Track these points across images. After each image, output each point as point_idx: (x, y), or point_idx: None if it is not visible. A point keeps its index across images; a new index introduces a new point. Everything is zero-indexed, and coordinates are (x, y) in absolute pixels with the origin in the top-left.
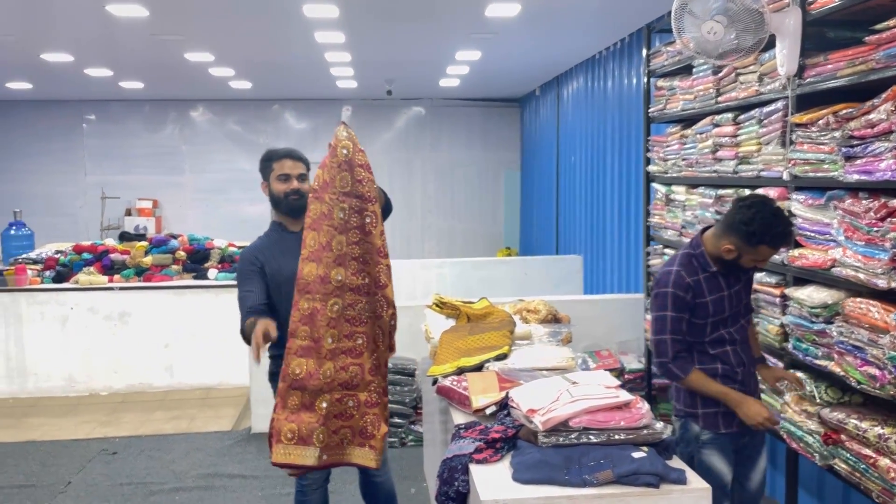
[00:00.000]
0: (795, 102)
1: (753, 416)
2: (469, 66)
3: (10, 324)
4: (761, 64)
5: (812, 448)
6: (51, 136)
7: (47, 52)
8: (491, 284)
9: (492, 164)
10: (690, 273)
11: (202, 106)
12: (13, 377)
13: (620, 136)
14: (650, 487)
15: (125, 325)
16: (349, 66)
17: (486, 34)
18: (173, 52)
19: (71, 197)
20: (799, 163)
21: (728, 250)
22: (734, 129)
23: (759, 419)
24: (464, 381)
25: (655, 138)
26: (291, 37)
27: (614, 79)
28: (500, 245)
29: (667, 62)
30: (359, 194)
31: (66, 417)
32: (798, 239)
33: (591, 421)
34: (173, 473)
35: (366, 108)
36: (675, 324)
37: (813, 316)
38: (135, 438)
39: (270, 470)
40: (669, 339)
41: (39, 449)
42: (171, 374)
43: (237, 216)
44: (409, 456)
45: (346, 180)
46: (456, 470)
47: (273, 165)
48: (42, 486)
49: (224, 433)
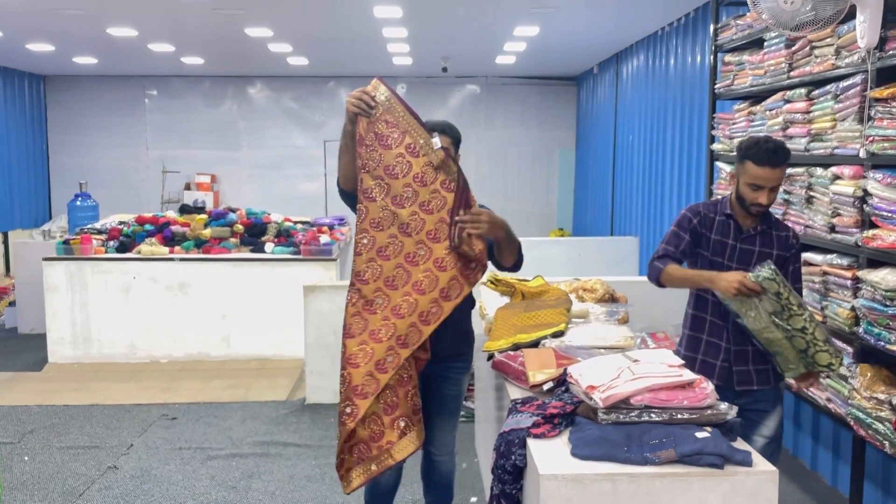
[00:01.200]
0: (875, 76)
1: (727, 286)
2: (527, 43)
3: (76, 291)
4: (839, 36)
5: (881, 435)
6: (114, 110)
7: (112, 26)
8: (544, 264)
9: (546, 143)
10: (708, 208)
11: (260, 82)
12: (78, 343)
13: (682, 115)
14: (714, 468)
15: (185, 295)
16: (405, 43)
17: (547, 8)
18: (234, 27)
19: (133, 170)
20: (877, 139)
21: (730, 176)
22: (807, 104)
23: (735, 286)
24: (520, 356)
25: (721, 115)
26: (349, 11)
27: (677, 56)
28: (552, 226)
29: (735, 36)
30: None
31: (128, 383)
32: (873, 219)
33: (652, 399)
34: (230, 440)
35: (420, 85)
36: (674, 238)
37: (887, 300)
38: (193, 405)
39: (324, 440)
40: (662, 246)
41: (103, 412)
42: (228, 345)
43: (292, 192)
44: (461, 432)
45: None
46: (513, 444)
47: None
48: (106, 447)
49: (279, 403)
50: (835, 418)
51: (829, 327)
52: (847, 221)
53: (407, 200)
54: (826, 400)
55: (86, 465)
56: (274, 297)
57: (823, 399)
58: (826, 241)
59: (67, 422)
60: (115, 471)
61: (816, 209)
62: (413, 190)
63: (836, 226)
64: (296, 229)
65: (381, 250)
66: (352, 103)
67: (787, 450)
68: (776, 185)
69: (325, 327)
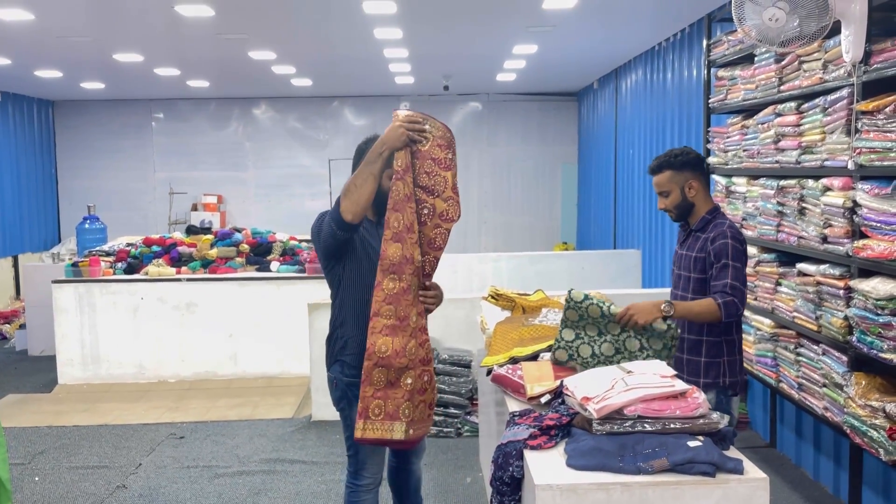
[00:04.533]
0: (861, 89)
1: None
2: (526, 60)
3: (85, 313)
4: (825, 51)
5: (877, 443)
6: (122, 133)
7: (119, 52)
8: (548, 278)
9: (548, 158)
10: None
11: (265, 103)
12: (87, 364)
13: (680, 129)
14: (706, 476)
15: (192, 315)
16: (407, 62)
17: (544, 27)
18: (238, 51)
19: (141, 192)
20: (864, 151)
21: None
22: (797, 118)
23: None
24: (519, 369)
25: (716, 129)
26: (351, 34)
27: (674, 70)
28: (556, 240)
29: (727, 51)
30: (421, 184)
31: (137, 403)
32: (863, 229)
33: (645, 409)
34: (237, 458)
35: (423, 103)
36: None
37: (878, 308)
38: (201, 424)
39: (331, 456)
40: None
41: (112, 432)
42: (236, 363)
43: (298, 211)
44: (465, 446)
45: (414, 167)
46: (510, 455)
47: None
48: (114, 466)
49: (286, 420)
50: (833, 427)
51: (824, 337)
52: (838, 232)
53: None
54: (823, 409)
55: (95, 485)
56: (280, 316)
57: (821, 408)
58: (819, 251)
59: (77, 442)
60: (124, 490)
61: (809, 220)
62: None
63: (827, 236)
64: (301, 247)
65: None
66: (408, 128)
67: (789, 459)
68: (663, 190)
69: None
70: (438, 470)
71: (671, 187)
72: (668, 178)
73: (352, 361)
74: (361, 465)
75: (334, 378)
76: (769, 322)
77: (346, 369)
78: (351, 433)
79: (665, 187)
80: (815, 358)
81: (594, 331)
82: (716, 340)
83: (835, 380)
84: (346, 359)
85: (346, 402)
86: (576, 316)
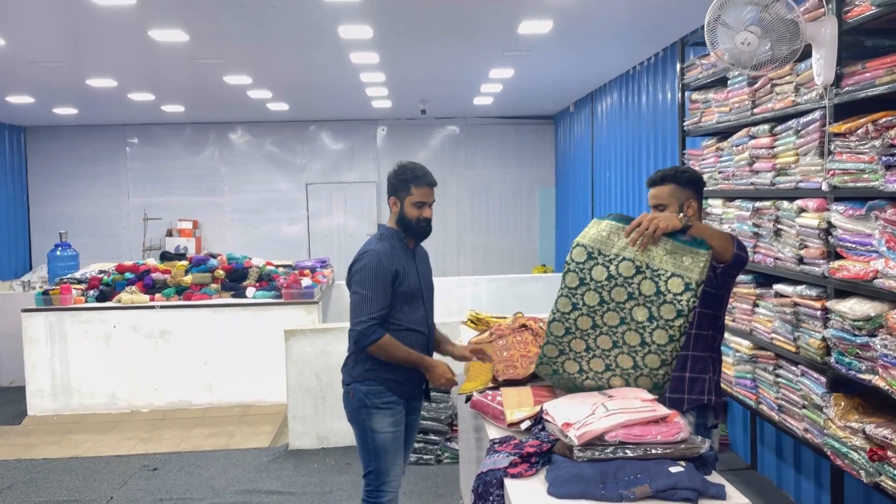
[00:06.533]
0: (833, 112)
1: None
2: (502, 84)
3: (56, 342)
4: (797, 74)
5: (857, 465)
6: (95, 159)
7: (92, 77)
8: (527, 301)
9: (526, 181)
10: None
11: (241, 128)
12: (58, 394)
13: (655, 151)
14: (688, 502)
15: (166, 342)
16: (384, 87)
17: (520, 51)
18: (213, 75)
19: (115, 218)
20: (838, 173)
21: None
22: (771, 140)
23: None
24: (498, 395)
25: (691, 152)
26: (327, 58)
27: (648, 93)
28: (535, 262)
29: (701, 75)
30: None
31: (109, 434)
32: (838, 250)
33: (627, 435)
34: (212, 489)
35: (400, 127)
36: None
37: (855, 329)
38: (175, 455)
39: (308, 486)
40: None
41: (82, 465)
42: (210, 392)
43: (275, 236)
44: (445, 473)
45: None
46: (491, 484)
47: (413, 189)
48: (85, 501)
49: (262, 450)
50: (813, 449)
51: (802, 357)
52: (814, 253)
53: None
54: (804, 430)
55: None
56: (256, 342)
57: (801, 430)
58: (795, 272)
59: (47, 476)
60: None
61: (785, 241)
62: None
63: (803, 257)
64: (277, 273)
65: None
66: (443, 382)
67: (770, 481)
68: (660, 203)
69: (307, 371)
70: (419, 498)
71: (671, 202)
72: (669, 192)
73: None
74: (383, 476)
75: (353, 389)
76: (748, 343)
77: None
78: (366, 450)
79: (664, 200)
80: (794, 379)
81: (595, 299)
82: (702, 356)
83: (814, 401)
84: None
85: (365, 412)
86: (576, 280)
